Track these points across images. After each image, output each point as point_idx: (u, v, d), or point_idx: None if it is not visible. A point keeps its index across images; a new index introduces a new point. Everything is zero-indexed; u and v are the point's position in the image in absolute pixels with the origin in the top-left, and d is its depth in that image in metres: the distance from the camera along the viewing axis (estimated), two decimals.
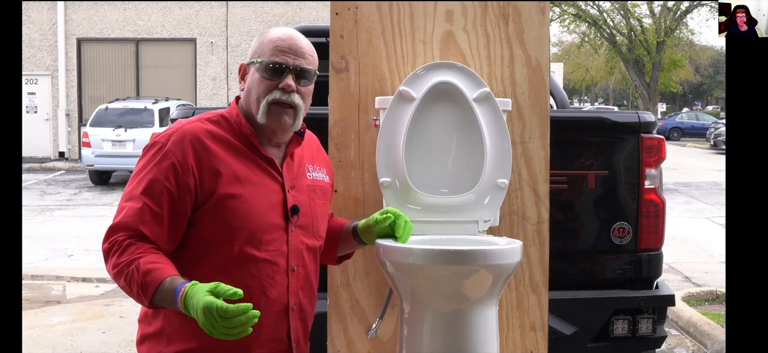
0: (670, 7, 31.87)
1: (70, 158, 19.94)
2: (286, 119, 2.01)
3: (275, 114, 2.00)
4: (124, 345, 5.24)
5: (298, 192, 2.08)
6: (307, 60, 2.04)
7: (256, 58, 2.03)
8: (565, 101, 4.69)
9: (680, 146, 29.88)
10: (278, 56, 2.00)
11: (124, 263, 1.85)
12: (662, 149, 3.64)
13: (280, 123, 2.01)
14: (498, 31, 2.70)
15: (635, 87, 32.46)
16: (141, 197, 1.91)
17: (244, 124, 2.03)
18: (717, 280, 7.13)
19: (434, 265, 2.21)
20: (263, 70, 2.01)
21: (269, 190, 2.01)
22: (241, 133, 2.03)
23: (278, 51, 2.01)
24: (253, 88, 2.02)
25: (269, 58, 2.00)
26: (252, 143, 2.03)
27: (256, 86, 2.01)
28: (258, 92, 2.01)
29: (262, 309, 1.93)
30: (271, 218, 1.99)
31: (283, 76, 2.00)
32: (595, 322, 3.60)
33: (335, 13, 2.68)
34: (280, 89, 1.99)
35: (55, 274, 7.46)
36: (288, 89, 1.99)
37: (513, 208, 2.70)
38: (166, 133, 1.99)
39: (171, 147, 1.94)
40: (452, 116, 2.54)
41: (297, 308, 2.07)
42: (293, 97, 2.00)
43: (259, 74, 2.01)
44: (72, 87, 20.29)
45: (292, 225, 2.03)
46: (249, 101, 2.04)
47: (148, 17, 20.20)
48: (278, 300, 2.02)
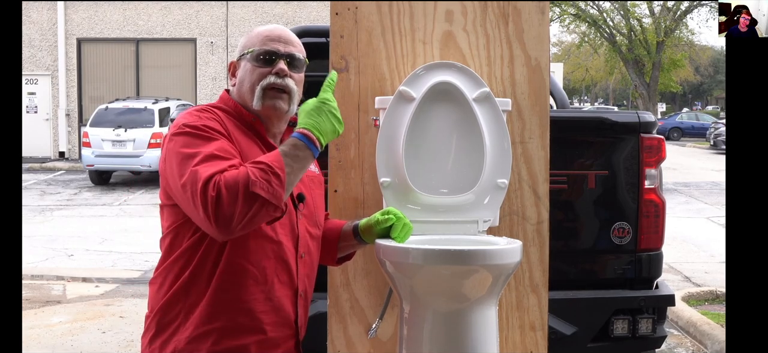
0: (670, 7, 31.86)
1: (70, 158, 19.95)
2: (281, 104, 2.03)
3: (271, 98, 2.02)
4: (124, 345, 5.24)
5: (300, 182, 2.10)
6: (296, 48, 2.09)
7: (246, 50, 2.06)
8: (565, 101, 4.69)
9: (680, 146, 29.88)
10: (269, 45, 2.04)
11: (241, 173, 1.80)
12: (662, 149, 3.64)
13: (275, 108, 2.03)
14: (498, 31, 2.70)
15: (635, 87, 32.46)
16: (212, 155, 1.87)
17: (245, 112, 2.05)
18: (717, 280, 7.13)
19: (434, 265, 2.21)
20: (255, 60, 2.04)
21: None
22: (245, 121, 2.05)
23: (268, 40, 2.05)
24: (246, 78, 2.05)
25: (260, 48, 2.04)
26: (256, 131, 2.05)
27: (249, 75, 2.04)
28: (251, 80, 2.03)
29: (276, 291, 1.99)
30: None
31: (275, 63, 2.03)
32: (595, 322, 3.60)
33: (335, 13, 2.68)
34: (274, 74, 2.02)
35: (55, 274, 7.46)
36: (282, 73, 2.03)
37: (513, 208, 2.70)
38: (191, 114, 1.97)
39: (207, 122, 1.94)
40: (452, 116, 2.54)
41: (303, 295, 2.11)
42: (287, 81, 2.03)
43: (250, 64, 2.04)
44: (72, 87, 20.29)
45: (299, 213, 2.07)
46: (242, 92, 2.06)
47: (148, 17, 20.20)
48: (289, 284, 2.04)
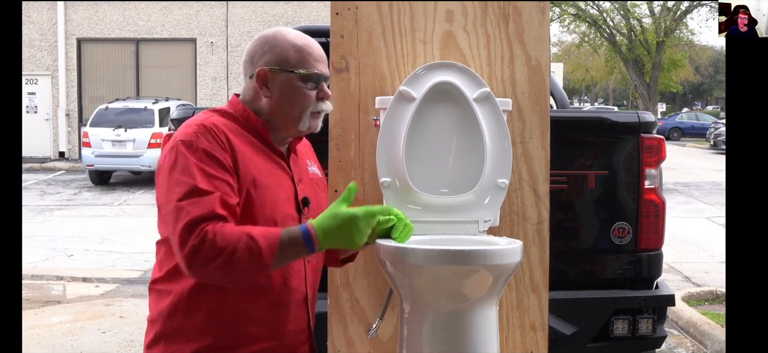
0: (670, 7, 31.87)
1: (70, 158, 19.95)
2: (319, 124, 2.11)
3: (314, 119, 2.09)
4: (124, 345, 5.24)
5: (306, 186, 2.14)
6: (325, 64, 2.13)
7: (292, 68, 2.04)
8: (565, 101, 4.69)
9: (680, 146, 29.89)
10: (318, 67, 2.07)
11: (230, 242, 1.82)
12: (662, 149, 3.65)
13: (315, 129, 2.10)
14: (498, 31, 2.70)
15: (635, 87, 32.48)
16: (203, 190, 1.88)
17: (254, 119, 2.05)
18: (717, 280, 7.13)
19: (434, 265, 2.20)
20: (306, 81, 2.05)
21: (283, 183, 2.06)
22: (252, 128, 2.05)
23: (314, 60, 2.07)
24: (297, 99, 2.05)
25: (310, 71, 2.05)
26: (264, 138, 2.06)
27: (301, 98, 2.05)
28: (303, 103, 2.05)
29: (285, 298, 2.01)
30: (287, 210, 2.03)
31: (320, 85, 2.07)
32: (595, 322, 3.60)
33: (335, 13, 2.68)
34: (322, 99, 2.08)
35: (55, 274, 7.46)
36: (327, 97, 2.09)
37: (513, 208, 2.70)
38: (191, 131, 1.96)
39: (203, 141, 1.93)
40: (452, 116, 2.54)
41: (312, 299, 2.13)
42: (328, 104, 2.11)
43: (300, 85, 2.05)
44: (72, 87, 20.30)
45: (303, 217, 2.08)
46: (284, 110, 2.05)
47: (148, 17, 20.21)
48: (298, 289, 2.05)
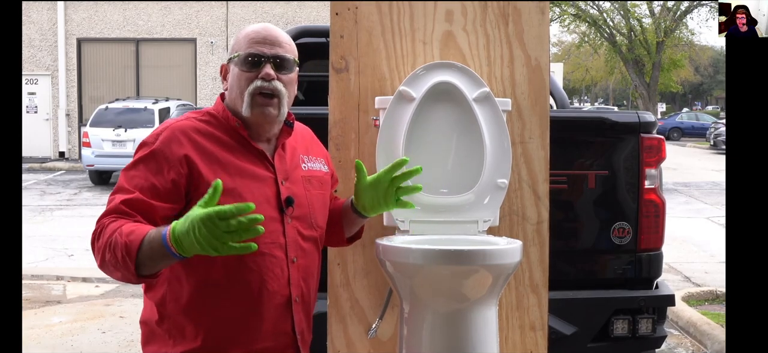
0: (670, 7, 31.86)
1: (70, 158, 19.94)
2: (271, 111, 2.03)
3: (259, 106, 2.02)
4: (125, 345, 5.23)
5: (293, 183, 2.09)
6: (284, 48, 2.07)
7: (233, 54, 2.07)
8: (565, 101, 4.69)
9: (680, 146, 29.88)
10: (254, 48, 2.04)
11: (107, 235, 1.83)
12: (662, 149, 3.64)
13: (265, 116, 2.03)
14: (498, 31, 2.70)
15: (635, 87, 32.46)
16: (129, 190, 1.91)
17: (231, 118, 2.05)
18: (717, 280, 7.13)
19: (434, 265, 2.20)
20: (241, 64, 2.04)
21: (262, 183, 2.03)
22: (230, 127, 2.05)
23: (253, 43, 2.04)
24: (235, 83, 2.05)
25: (246, 51, 2.03)
26: (241, 136, 2.05)
27: (237, 81, 2.04)
28: (240, 86, 2.04)
29: (263, 302, 1.98)
30: (265, 211, 1.98)
31: (262, 66, 2.03)
32: (595, 322, 3.59)
33: (335, 13, 2.68)
34: (260, 79, 2.02)
35: (55, 274, 7.45)
36: (268, 77, 2.02)
37: (513, 208, 2.70)
38: (155, 132, 2.01)
39: (160, 146, 1.96)
40: (452, 116, 2.54)
41: (300, 299, 2.08)
42: (274, 84, 2.02)
43: (238, 69, 2.04)
44: (72, 87, 20.29)
45: (287, 217, 2.05)
46: (233, 98, 2.06)
47: (148, 17, 20.20)
48: (279, 292, 2.02)
